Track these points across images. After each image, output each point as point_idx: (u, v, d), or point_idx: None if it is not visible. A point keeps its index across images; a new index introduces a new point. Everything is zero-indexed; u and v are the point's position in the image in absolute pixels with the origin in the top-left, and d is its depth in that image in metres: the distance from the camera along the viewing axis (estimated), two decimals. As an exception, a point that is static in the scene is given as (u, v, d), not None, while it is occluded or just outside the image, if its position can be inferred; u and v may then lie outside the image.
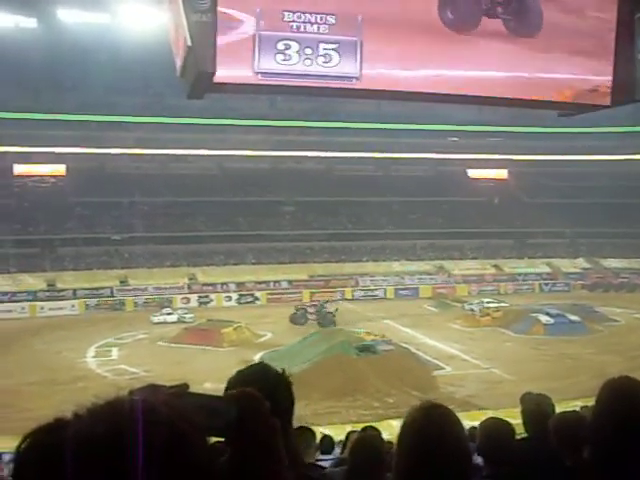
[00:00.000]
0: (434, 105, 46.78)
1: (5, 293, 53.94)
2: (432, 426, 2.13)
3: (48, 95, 63.68)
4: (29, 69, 59.39)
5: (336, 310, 45.75)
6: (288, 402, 2.30)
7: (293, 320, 45.62)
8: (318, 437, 6.88)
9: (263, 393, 1.71)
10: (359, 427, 8.44)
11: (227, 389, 2.20)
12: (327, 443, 7.80)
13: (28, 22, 55.56)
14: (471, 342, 39.56)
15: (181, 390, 1.18)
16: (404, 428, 2.22)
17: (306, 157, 71.89)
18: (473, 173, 76.58)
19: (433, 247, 67.48)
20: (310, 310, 46.38)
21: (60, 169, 66.65)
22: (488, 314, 45.56)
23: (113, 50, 54.39)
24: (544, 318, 41.86)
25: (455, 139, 73.35)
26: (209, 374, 30.76)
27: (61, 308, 52.68)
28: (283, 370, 2.36)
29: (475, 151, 74.17)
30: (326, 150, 71.15)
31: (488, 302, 48.82)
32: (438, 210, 70.27)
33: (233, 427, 1.33)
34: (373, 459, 4.44)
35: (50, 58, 57.31)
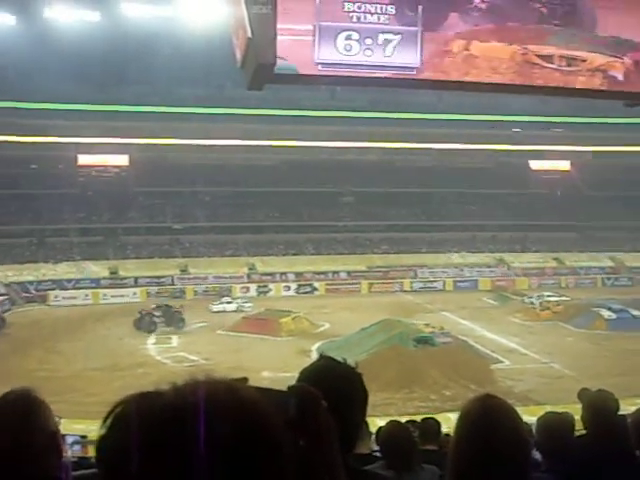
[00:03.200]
0: (496, 95, 46.22)
1: (69, 280, 55.20)
2: (487, 417, 2.12)
3: (112, 87, 64.71)
4: (93, 62, 60.38)
5: (180, 306, 44.63)
6: (361, 395, 2.27)
7: (138, 325, 42.63)
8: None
9: (333, 389, 1.70)
10: (418, 419, 8.40)
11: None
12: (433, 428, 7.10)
13: (92, 16, 56.50)
14: (531, 336, 39.06)
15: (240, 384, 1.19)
16: (460, 419, 2.21)
17: (366, 148, 71.68)
18: (535, 165, 75.36)
19: (493, 239, 66.76)
20: (156, 313, 43.47)
21: (123, 159, 67.80)
22: (548, 308, 44.93)
23: (175, 42, 54.92)
24: (606, 313, 41.08)
25: (517, 130, 72.26)
26: (267, 363, 31.09)
27: (123, 295, 53.60)
28: (345, 361, 2.32)
29: (538, 142, 73.00)
30: (386, 141, 70.84)
31: (549, 296, 48.10)
32: (499, 202, 69.48)
33: (291, 422, 1.32)
34: (404, 448, 4.44)
35: (114, 51, 58.14)
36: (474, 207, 69.37)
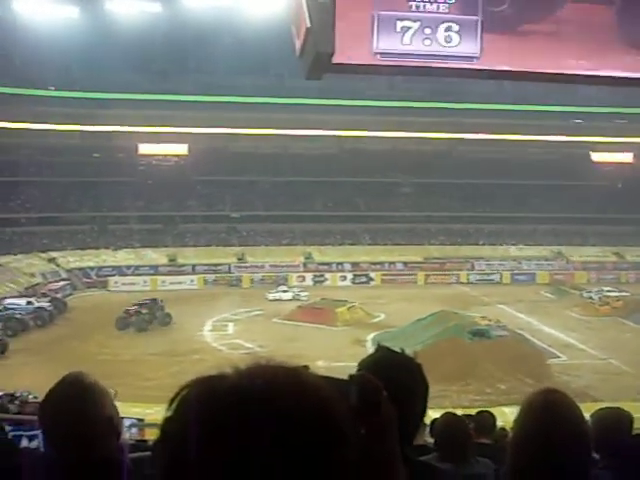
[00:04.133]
0: (557, 85, 45.38)
1: (129, 267, 56.22)
2: (550, 411, 2.08)
3: (172, 77, 65.51)
4: (154, 52, 61.24)
5: (161, 301, 42.08)
6: (421, 386, 2.26)
7: (121, 326, 39.01)
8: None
9: (394, 379, 1.69)
10: (472, 412, 8.33)
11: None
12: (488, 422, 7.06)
13: (153, 7, 57.24)
14: (589, 331, 38.41)
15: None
16: (522, 413, 2.16)
17: (424, 138, 71.12)
18: (597, 156, 73.84)
19: (553, 232, 65.70)
20: (144, 310, 40.02)
21: (183, 148, 68.56)
22: (608, 303, 44.12)
23: (234, 32, 55.30)
24: (667, 309, 40.23)
25: (579, 121, 70.86)
26: (322, 352, 31.18)
27: (181, 282, 54.28)
28: (403, 351, 2.30)
29: (600, 133, 71.43)
30: (445, 131, 70.21)
31: (608, 291, 47.28)
32: (559, 194, 68.28)
33: (352, 411, 1.32)
34: (459, 440, 4.41)
35: (174, 41, 58.87)
36: (534, 199, 68.34)
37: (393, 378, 1.78)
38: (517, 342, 32.11)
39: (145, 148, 67.79)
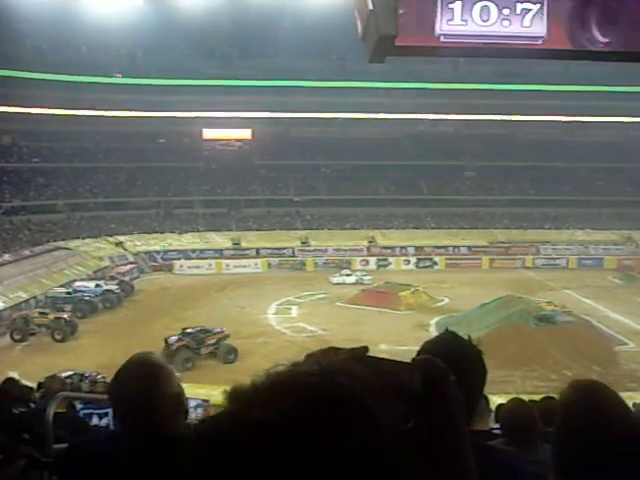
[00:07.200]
0: (626, 65, 44.27)
1: (194, 250, 56.92)
2: (580, 403, 2.02)
3: (235, 62, 65.98)
4: (218, 38, 61.75)
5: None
6: (480, 372, 2.25)
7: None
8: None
9: (454, 364, 1.69)
10: (537, 398, 8.25)
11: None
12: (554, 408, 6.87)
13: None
14: (658, 318, 37.52)
15: (361, 353, 1.17)
16: (562, 408, 2.12)
17: (489, 121, 70.18)
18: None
19: (620, 216, 64.17)
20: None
21: (246, 133, 69.05)
22: (679, 289, 43.08)
23: (297, 17, 55.37)
24: None
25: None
26: (385, 336, 31.20)
27: (245, 266, 54.71)
28: (469, 337, 2.29)
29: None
30: (510, 114, 69.17)
31: (680, 276, 46.12)
32: (627, 177, 66.68)
33: (417, 397, 1.30)
34: (526, 426, 4.37)
35: (237, 27, 59.26)
36: (600, 182, 66.89)
37: (453, 362, 1.78)
38: (583, 328, 31.61)
39: (209, 133, 68.50)
